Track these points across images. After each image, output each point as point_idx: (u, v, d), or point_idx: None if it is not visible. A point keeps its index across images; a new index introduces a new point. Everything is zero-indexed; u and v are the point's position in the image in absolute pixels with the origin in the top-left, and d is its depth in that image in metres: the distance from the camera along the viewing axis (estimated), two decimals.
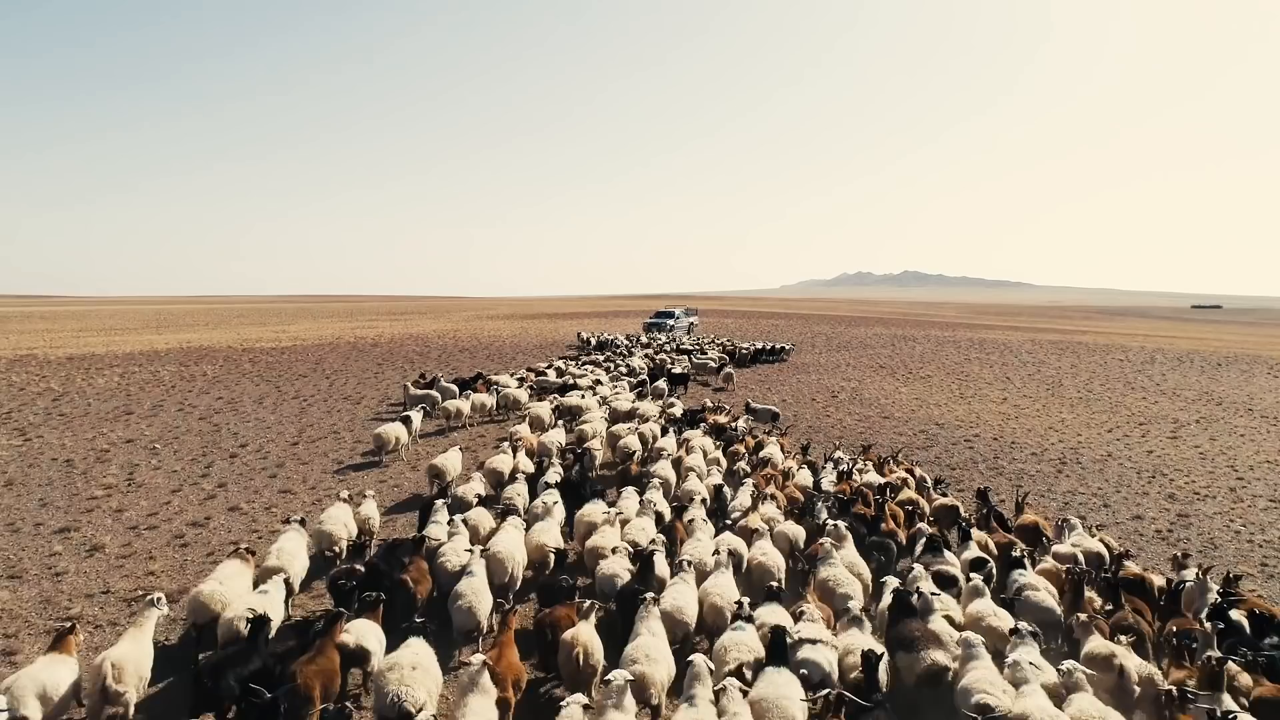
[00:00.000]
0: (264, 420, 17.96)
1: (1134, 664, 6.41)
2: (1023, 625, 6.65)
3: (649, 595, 6.98)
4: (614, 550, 8.49)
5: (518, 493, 10.66)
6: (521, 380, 22.19)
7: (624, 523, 9.69)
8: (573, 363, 27.83)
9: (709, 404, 19.35)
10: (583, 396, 19.19)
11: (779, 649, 6.24)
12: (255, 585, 7.62)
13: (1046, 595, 7.81)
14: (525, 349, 36.84)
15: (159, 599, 6.79)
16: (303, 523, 9.07)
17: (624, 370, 26.11)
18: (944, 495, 12.31)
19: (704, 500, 10.78)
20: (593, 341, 36.68)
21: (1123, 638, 6.80)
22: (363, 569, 7.83)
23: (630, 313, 76.94)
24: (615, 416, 17.13)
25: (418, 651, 6.02)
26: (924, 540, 9.26)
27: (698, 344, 37.37)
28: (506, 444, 13.45)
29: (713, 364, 28.75)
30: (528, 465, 12.78)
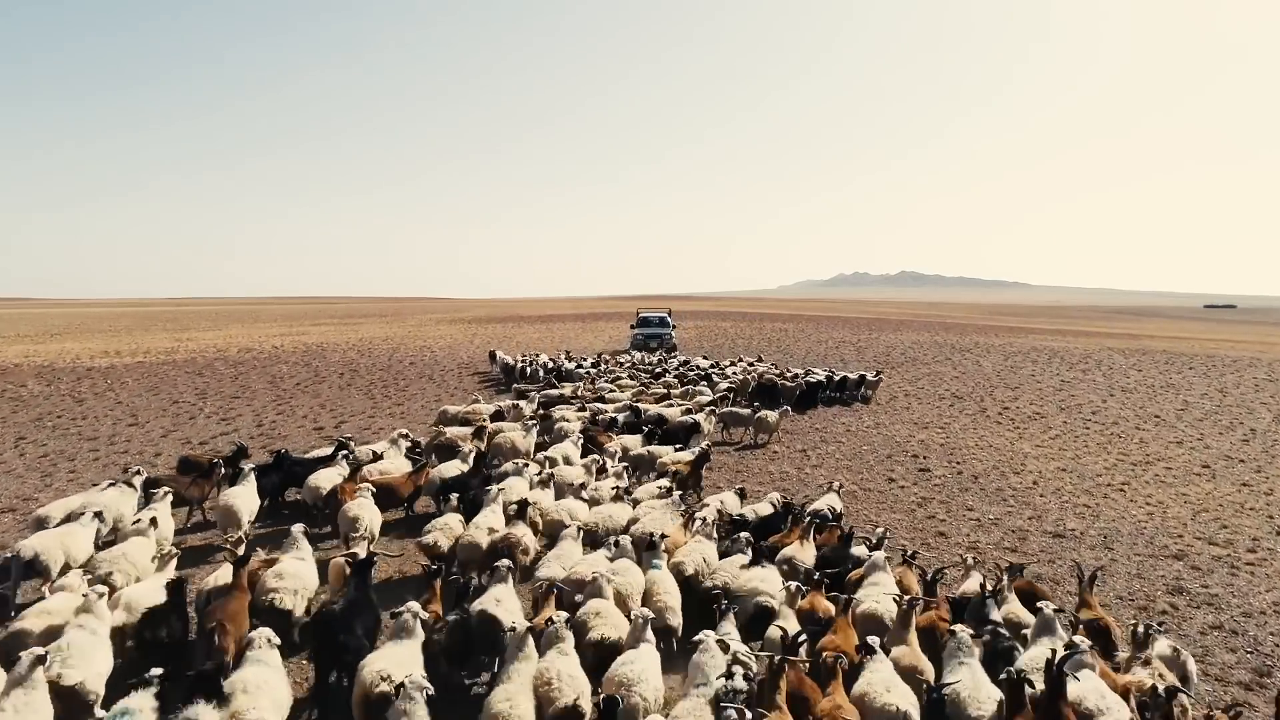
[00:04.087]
0: None
1: None
2: None
3: None
4: None
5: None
6: (415, 450, 11.50)
7: None
8: (524, 401, 15.72)
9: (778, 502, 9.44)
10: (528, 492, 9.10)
11: None
12: None
13: None
14: (442, 372, 26.18)
15: None
16: None
17: (607, 419, 14.45)
18: None
19: None
20: (517, 366, 22.63)
21: None
22: None
23: (615, 315, 66.40)
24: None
25: None
26: None
27: (709, 368, 23.47)
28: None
29: (738, 409, 16.40)
30: None
